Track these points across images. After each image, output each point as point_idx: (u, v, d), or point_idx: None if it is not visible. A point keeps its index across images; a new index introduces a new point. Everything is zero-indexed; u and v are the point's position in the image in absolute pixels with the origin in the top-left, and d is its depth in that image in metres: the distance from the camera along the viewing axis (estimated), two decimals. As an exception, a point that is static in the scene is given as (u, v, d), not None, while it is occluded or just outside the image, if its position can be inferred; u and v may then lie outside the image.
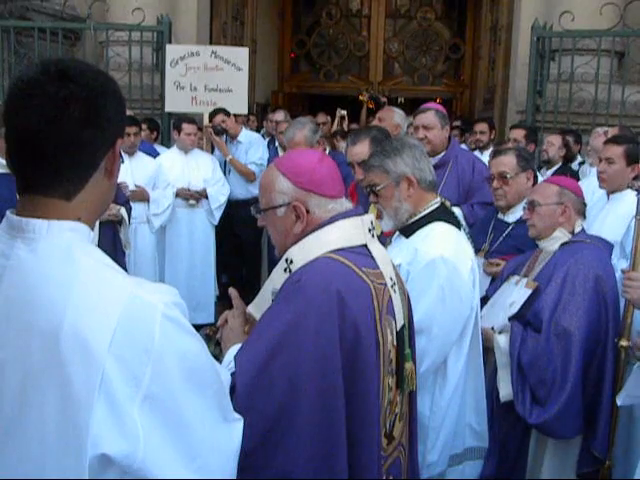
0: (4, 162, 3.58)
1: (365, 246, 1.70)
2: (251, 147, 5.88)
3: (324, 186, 1.70)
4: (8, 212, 1.07)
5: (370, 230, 1.73)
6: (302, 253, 1.64)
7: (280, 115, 6.75)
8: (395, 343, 1.73)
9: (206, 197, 5.57)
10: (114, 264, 1.07)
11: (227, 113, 5.89)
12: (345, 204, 1.74)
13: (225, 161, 5.88)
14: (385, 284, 1.70)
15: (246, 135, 6.00)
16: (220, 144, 5.77)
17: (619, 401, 2.28)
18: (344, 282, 1.56)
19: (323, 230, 1.66)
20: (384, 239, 2.44)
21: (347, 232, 1.67)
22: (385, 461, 1.72)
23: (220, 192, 5.63)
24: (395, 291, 1.74)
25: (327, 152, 4.48)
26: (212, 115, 5.87)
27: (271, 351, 1.48)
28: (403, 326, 1.77)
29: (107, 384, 0.95)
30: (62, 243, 1.03)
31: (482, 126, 6.05)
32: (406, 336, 1.79)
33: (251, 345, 1.56)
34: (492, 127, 6.18)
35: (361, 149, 3.17)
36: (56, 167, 1.04)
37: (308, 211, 1.67)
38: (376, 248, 1.73)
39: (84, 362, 0.95)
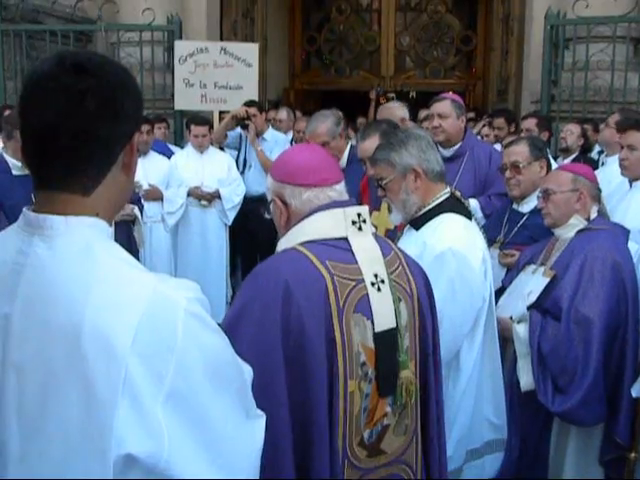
0: (19, 164, 3.66)
1: (346, 239, 1.64)
2: (276, 146, 5.77)
3: (297, 175, 1.69)
4: (25, 209, 1.05)
5: (355, 222, 1.66)
6: (284, 246, 1.67)
7: (283, 113, 6.76)
8: (372, 346, 1.60)
9: (219, 198, 5.53)
10: (134, 260, 1.05)
11: (261, 109, 5.82)
12: (328, 193, 1.68)
13: (244, 159, 5.83)
14: (360, 280, 1.60)
15: (272, 135, 5.92)
16: (251, 136, 5.60)
17: (634, 392, 2.24)
18: (295, 273, 1.54)
19: (303, 222, 1.66)
20: (393, 233, 2.41)
21: (324, 224, 1.65)
22: (365, 474, 1.61)
23: (234, 192, 5.57)
24: (379, 289, 1.62)
25: (350, 146, 4.43)
26: (246, 105, 5.76)
27: None
28: (393, 329, 1.63)
29: (130, 382, 0.93)
30: (81, 239, 1.01)
31: (499, 122, 5.96)
32: (399, 341, 1.65)
33: None
34: (510, 120, 6.07)
35: (371, 144, 3.12)
36: (73, 162, 1.02)
37: (286, 203, 1.68)
38: (359, 242, 1.65)
39: (106, 360, 0.93)
